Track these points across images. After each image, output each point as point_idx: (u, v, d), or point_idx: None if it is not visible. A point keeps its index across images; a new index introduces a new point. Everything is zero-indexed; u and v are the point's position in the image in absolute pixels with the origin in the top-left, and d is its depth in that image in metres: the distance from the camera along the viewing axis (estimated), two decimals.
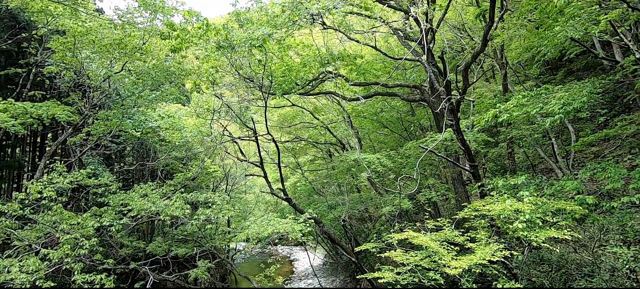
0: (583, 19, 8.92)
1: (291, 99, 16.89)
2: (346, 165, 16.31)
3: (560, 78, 18.59)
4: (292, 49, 14.14)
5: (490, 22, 10.49)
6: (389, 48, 18.46)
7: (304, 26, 10.11)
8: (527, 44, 12.80)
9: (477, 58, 13.14)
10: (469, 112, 17.23)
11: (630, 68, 11.48)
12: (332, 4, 9.04)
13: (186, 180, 14.42)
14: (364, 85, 13.83)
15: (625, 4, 7.03)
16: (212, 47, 10.18)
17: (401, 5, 12.41)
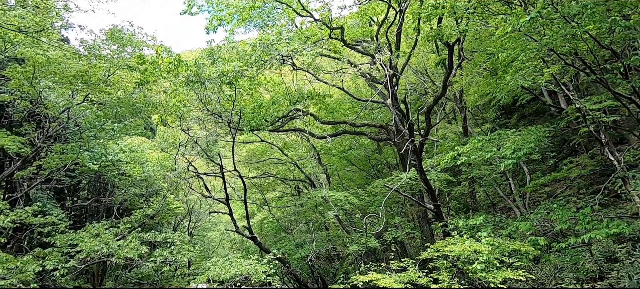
0: (529, 71, 9.83)
1: (260, 135, 16.88)
2: (314, 202, 16.25)
3: (514, 121, 19.97)
4: (263, 86, 14.33)
5: (449, 69, 11.28)
6: (357, 88, 19.18)
7: (274, 66, 10.37)
8: (483, 91, 13.78)
9: (439, 101, 13.95)
10: (433, 151, 17.98)
11: (573, 116, 12.63)
12: (302, 47, 9.39)
13: (145, 217, 13.69)
14: (332, 123, 14.15)
15: (563, 61, 7.85)
16: (182, 81, 10.12)
17: (368, 50, 13.10)
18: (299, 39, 11.02)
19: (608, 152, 11.43)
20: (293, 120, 14.15)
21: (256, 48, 7.95)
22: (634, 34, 6.51)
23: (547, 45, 6.59)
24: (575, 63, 9.49)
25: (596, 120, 11.38)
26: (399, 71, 12.87)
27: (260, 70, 11.19)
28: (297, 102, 12.77)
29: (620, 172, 10.81)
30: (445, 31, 8.45)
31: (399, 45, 12.24)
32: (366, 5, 12.00)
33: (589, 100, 11.77)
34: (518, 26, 5.46)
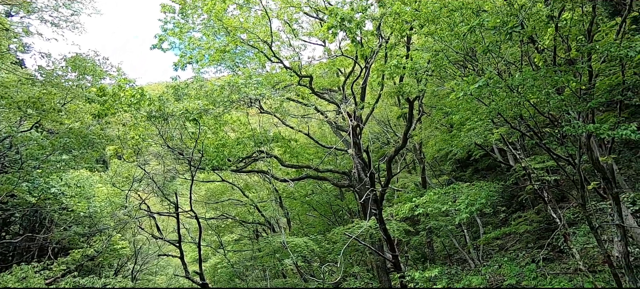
0: (481, 130, 10.66)
1: (222, 175, 16.44)
2: (273, 247, 15.74)
3: (469, 174, 21.10)
4: (229, 125, 14.23)
5: (409, 123, 11.92)
6: (323, 134, 19.59)
7: (241, 107, 10.42)
8: (440, 145, 14.59)
9: (399, 152, 14.55)
10: (393, 200, 18.39)
11: (521, 173, 13.65)
12: (270, 93, 9.58)
13: (85, 259, 12.47)
14: (296, 167, 14.16)
15: (509, 124, 8.61)
16: (143, 116, 9.82)
17: (334, 98, 13.60)
18: (268, 83, 11.25)
19: (551, 209, 12.34)
20: (257, 161, 14.01)
21: (225, 89, 8.00)
22: (567, 106, 7.35)
23: (495, 109, 7.24)
24: (521, 127, 10.46)
25: (540, 178, 12.38)
26: (363, 121, 13.39)
27: (227, 109, 11.16)
28: (262, 144, 12.75)
29: (562, 229, 11.64)
30: (406, 88, 9.05)
31: (363, 97, 12.85)
32: (335, 58, 12.64)
33: (534, 159, 12.86)
34: (469, 91, 5.99)
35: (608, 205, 10.32)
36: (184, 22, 10.86)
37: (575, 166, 8.46)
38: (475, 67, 8.51)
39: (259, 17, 11.08)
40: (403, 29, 8.21)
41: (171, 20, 10.79)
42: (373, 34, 10.28)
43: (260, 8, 10.85)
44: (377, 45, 10.14)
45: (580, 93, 7.83)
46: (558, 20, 7.53)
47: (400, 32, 8.38)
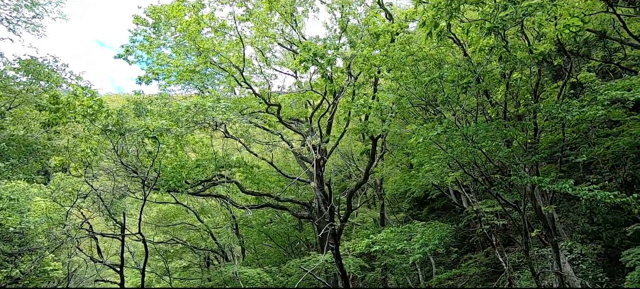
0: (438, 172, 11.20)
1: (177, 197, 15.69)
2: (224, 277, 15.02)
3: (425, 213, 21.79)
4: (190, 145, 13.78)
5: (371, 159, 12.26)
6: (287, 163, 19.50)
7: (206, 129, 10.18)
8: (399, 183, 15.06)
9: (361, 187, 14.80)
10: (351, 234, 18.46)
11: (472, 216, 14.37)
12: (237, 118, 9.50)
13: (7, 281, 11.11)
14: (257, 194, 13.88)
15: (463, 169, 9.14)
16: (98, 128, 9.27)
17: (301, 129, 13.74)
18: (236, 108, 11.16)
19: (498, 253, 13.00)
20: (216, 185, 13.58)
21: (190, 110, 7.83)
22: (515, 157, 7.99)
23: (450, 156, 7.69)
24: (474, 172, 11.12)
25: (489, 222, 13.09)
26: (327, 153, 13.57)
27: (190, 130, 10.86)
28: (223, 168, 12.44)
29: (507, 273, 12.25)
30: (371, 127, 9.39)
31: (329, 130, 13.10)
32: (304, 91, 12.88)
33: (484, 203, 13.63)
34: (427, 137, 6.36)
35: (549, 251, 11.07)
36: (156, 36, 10.64)
37: (521, 213, 9.08)
38: (436, 112, 9.07)
39: (233, 43, 11.14)
40: (371, 71, 8.63)
41: (142, 33, 10.53)
42: (343, 72, 10.68)
43: (235, 34, 10.94)
44: (346, 82, 10.52)
45: (526, 146, 8.55)
46: (509, 79, 8.31)
47: (369, 73, 8.79)
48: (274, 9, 10.19)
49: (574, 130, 11.22)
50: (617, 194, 6.63)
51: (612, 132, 11.83)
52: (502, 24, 5.72)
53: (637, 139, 10.10)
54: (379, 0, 11.05)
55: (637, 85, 6.89)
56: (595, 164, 13.58)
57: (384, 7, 10.76)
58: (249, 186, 13.99)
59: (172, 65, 11.15)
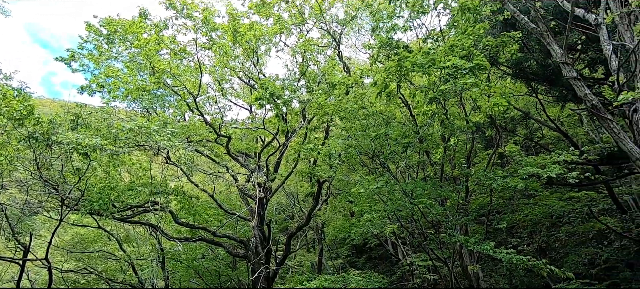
0: (377, 222, 11.54)
1: (101, 220, 14.20)
2: None
3: (362, 261, 21.94)
4: (126, 166, 12.79)
5: (315, 202, 12.31)
6: (229, 197, 18.77)
7: (146, 152, 9.58)
8: (338, 230, 15.21)
9: (302, 229, 14.66)
10: (287, 277, 17.86)
11: (407, 268, 14.80)
12: (182, 146, 9.13)
13: None
14: (191, 226, 13.07)
15: (400, 223, 9.55)
16: (21, 134, 8.28)
17: (248, 163, 13.49)
18: (184, 134, 10.73)
19: None
20: (148, 212, 12.58)
21: (133, 131, 7.36)
22: (447, 217, 8.55)
23: (389, 209, 8.04)
24: (410, 226, 11.65)
25: (421, 276, 13.55)
26: (272, 191, 13.37)
27: (128, 150, 10.15)
28: (159, 194, 11.63)
29: None
30: (318, 171, 9.54)
31: (277, 168, 13.03)
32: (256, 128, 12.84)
33: (418, 256, 14.17)
34: (369, 189, 6.64)
35: None
36: (108, 48, 10.10)
37: (449, 270, 9.57)
38: (381, 164, 9.52)
39: (191, 69, 10.94)
40: (324, 119, 8.93)
41: (93, 41, 9.95)
42: (297, 114, 10.90)
43: (194, 60, 10.78)
44: (300, 124, 10.72)
45: (458, 206, 9.23)
46: (447, 143, 9.09)
47: (322, 119, 9.08)
48: (238, 43, 10.31)
49: (500, 196, 12.40)
50: (530, 258, 7.32)
51: (529, 202, 13.25)
52: (443, 95, 6.37)
53: (550, 210, 11.39)
54: (339, 53, 11.74)
55: (550, 164, 7.92)
56: (517, 229, 14.97)
57: (343, 60, 11.42)
58: (185, 217, 13.15)
59: (121, 79, 10.56)
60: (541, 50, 9.43)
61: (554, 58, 7.31)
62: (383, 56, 9.05)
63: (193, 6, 9.55)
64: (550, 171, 7.19)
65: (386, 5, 8.69)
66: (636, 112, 6.26)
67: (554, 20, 8.85)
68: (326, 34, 11.64)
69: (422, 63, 6.23)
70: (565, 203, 11.14)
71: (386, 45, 8.27)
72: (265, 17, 10.63)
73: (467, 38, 6.73)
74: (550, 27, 8.61)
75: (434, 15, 9.38)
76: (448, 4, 8.14)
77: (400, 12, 8.48)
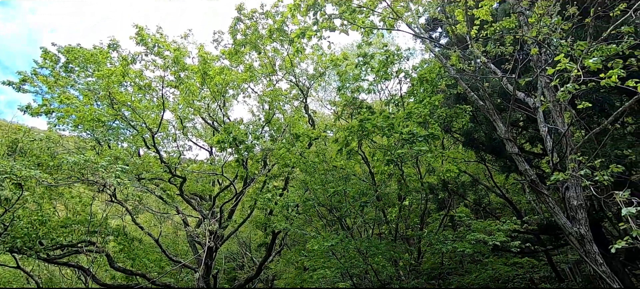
0: (331, 278, 11.26)
1: (22, 258, 12.57)
2: None
3: None
4: (63, 199, 11.69)
5: (268, 253, 11.85)
6: (176, 240, 17.56)
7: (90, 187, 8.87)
8: (292, 282, 14.58)
9: (251, 281, 13.88)
10: None
11: None
12: (131, 185, 8.60)
13: None
14: (129, 273, 11.90)
15: (352, 281, 9.39)
16: None
17: (202, 207, 12.87)
18: (136, 171, 10.14)
19: None
20: (79, 253, 11.36)
21: (77, 165, 6.80)
22: (398, 279, 8.57)
23: (343, 266, 7.94)
24: (363, 284, 11.45)
25: None
26: (223, 238, 12.71)
27: (69, 183, 9.35)
28: (97, 234, 10.62)
29: None
30: (274, 221, 9.31)
31: (231, 215, 12.54)
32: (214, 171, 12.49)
33: None
34: (323, 246, 6.57)
35: None
36: (66, 75, 9.64)
37: None
38: (338, 219, 9.51)
39: (154, 105, 10.64)
40: (285, 170, 8.92)
41: (49, 68, 9.47)
42: (258, 160, 10.79)
43: (157, 96, 10.54)
44: (260, 171, 10.58)
45: (410, 267, 9.30)
46: (402, 203, 9.37)
47: (283, 168, 9.05)
48: (206, 85, 10.29)
49: (451, 258, 12.69)
50: None
51: (477, 266, 13.68)
52: (400, 159, 6.68)
53: (497, 274, 11.80)
54: (305, 105, 12.06)
55: (496, 231, 8.36)
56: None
57: (309, 113, 11.72)
58: (123, 261, 12.00)
59: (75, 106, 9.95)
60: (488, 124, 10.34)
61: (499, 133, 8.03)
62: (347, 114, 9.43)
63: (165, 45, 9.53)
64: (496, 239, 7.57)
65: (353, 67, 9.25)
66: (568, 189, 6.91)
67: (500, 98, 9.84)
68: (295, 86, 11.99)
69: (382, 126, 6.57)
70: (510, 269, 11.64)
71: (350, 104, 8.66)
72: (236, 63, 10.81)
73: (424, 107, 7.26)
74: (496, 103, 9.55)
75: (395, 82, 10.09)
76: (409, 74, 8.83)
77: (365, 76, 9.03)
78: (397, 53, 8.38)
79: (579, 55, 5.01)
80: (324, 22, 6.63)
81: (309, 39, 6.90)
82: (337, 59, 10.42)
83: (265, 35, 9.76)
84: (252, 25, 9.49)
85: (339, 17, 6.78)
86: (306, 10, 6.18)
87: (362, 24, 7.04)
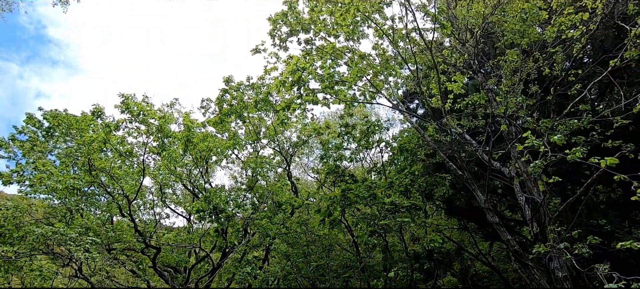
0: None
1: None
2: None
3: None
4: (22, 273, 10.76)
5: None
6: None
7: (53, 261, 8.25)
8: None
9: None
10: None
11: None
12: (100, 256, 8.10)
13: None
14: None
15: None
16: None
17: (175, 282, 12.07)
18: (107, 241, 9.60)
19: None
20: None
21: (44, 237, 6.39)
22: None
23: None
24: None
25: None
26: None
27: (31, 254, 8.72)
28: None
29: None
30: None
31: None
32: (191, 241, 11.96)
33: None
34: None
35: None
36: (44, 140, 9.50)
37: None
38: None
39: (134, 171, 10.45)
40: (266, 240, 8.65)
41: (29, 133, 9.36)
42: (238, 229, 10.46)
43: (138, 162, 10.40)
44: (239, 240, 10.19)
45: None
46: (387, 274, 9.07)
47: (264, 238, 8.77)
48: (190, 152, 10.28)
49: None
50: None
51: None
52: (383, 230, 6.62)
53: None
54: (289, 173, 12.08)
55: None
56: None
57: (292, 180, 11.70)
58: None
59: (50, 172, 9.64)
60: (468, 191, 10.52)
61: (479, 203, 8.15)
62: (330, 182, 9.46)
63: (151, 113, 9.66)
64: None
65: (335, 136, 9.50)
66: (551, 260, 6.90)
67: (477, 167, 10.15)
68: (278, 153, 12.11)
69: (364, 196, 6.59)
70: None
71: (333, 172, 8.75)
72: (221, 131, 10.96)
73: (405, 177, 7.40)
74: (474, 172, 9.82)
75: (377, 150, 10.36)
76: (389, 143, 9.13)
77: (347, 145, 9.26)
78: (377, 124, 8.74)
79: (545, 131, 5.34)
80: (307, 96, 6.95)
81: (293, 112, 7.17)
82: (320, 128, 10.73)
83: (251, 104, 10.08)
84: (238, 96, 9.83)
85: (322, 91, 7.13)
86: (290, 86, 6.51)
87: (344, 98, 7.41)
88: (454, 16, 7.74)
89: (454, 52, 8.18)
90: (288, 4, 7.24)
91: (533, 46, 6.82)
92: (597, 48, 7.22)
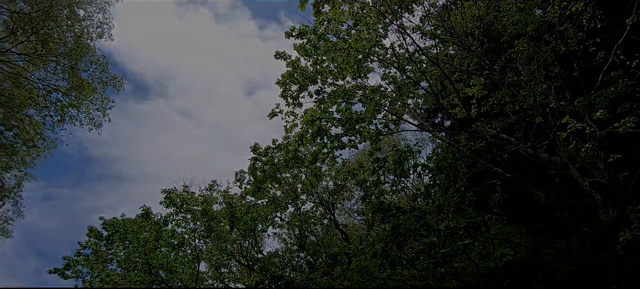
0: None
1: None
2: None
3: None
4: None
5: None
6: None
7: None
8: None
9: None
10: None
11: None
12: None
13: None
14: None
15: None
16: None
17: None
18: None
19: None
20: None
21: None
22: None
23: None
24: None
25: None
26: None
27: None
28: None
29: None
30: None
31: None
32: None
33: None
34: None
35: None
36: (105, 249, 10.18)
37: None
38: None
39: (189, 259, 10.82)
40: None
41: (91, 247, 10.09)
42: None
43: (191, 249, 10.78)
44: None
45: None
46: None
47: None
48: (236, 227, 10.55)
49: None
50: None
51: None
52: (448, 256, 6.24)
53: None
54: (335, 222, 11.95)
55: None
56: None
57: (340, 228, 11.54)
58: None
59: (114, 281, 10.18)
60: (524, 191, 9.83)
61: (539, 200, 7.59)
62: (378, 220, 9.25)
63: (193, 200, 10.15)
64: None
65: (370, 174, 9.42)
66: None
67: (524, 163, 9.55)
68: (319, 205, 12.10)
69: (416, 227, 6.36)
70: None
71: (379, 210, 8.57)
72: (259, 199, 11.22)
73: (453, 196, 7.11)
74: (522, 167, 9.23)
75: (415, 175, 10.09)
76: (426, 166, 8.90)
77: (385, 178, 9.13)
78: (407, 149, 8.61)
79: (583, 110, 5.06)
80: (332, 143, 7.07)
81: (322, 162, 7.28)
82: (354, 169, 10.71)
83: (282, 164, 10.32)
84: (268, 160, 10.14)
85: (345, 134, 7.24)
86: (312, 138, 6.68)
87: (368, 134, 7.45)
88: (452, 27, 7.78)
89: (464, 59, 8.13)
90: (291, 64, 7.65)
91: (541, 30, 6.65)
92: (608, 12, 6.92)
